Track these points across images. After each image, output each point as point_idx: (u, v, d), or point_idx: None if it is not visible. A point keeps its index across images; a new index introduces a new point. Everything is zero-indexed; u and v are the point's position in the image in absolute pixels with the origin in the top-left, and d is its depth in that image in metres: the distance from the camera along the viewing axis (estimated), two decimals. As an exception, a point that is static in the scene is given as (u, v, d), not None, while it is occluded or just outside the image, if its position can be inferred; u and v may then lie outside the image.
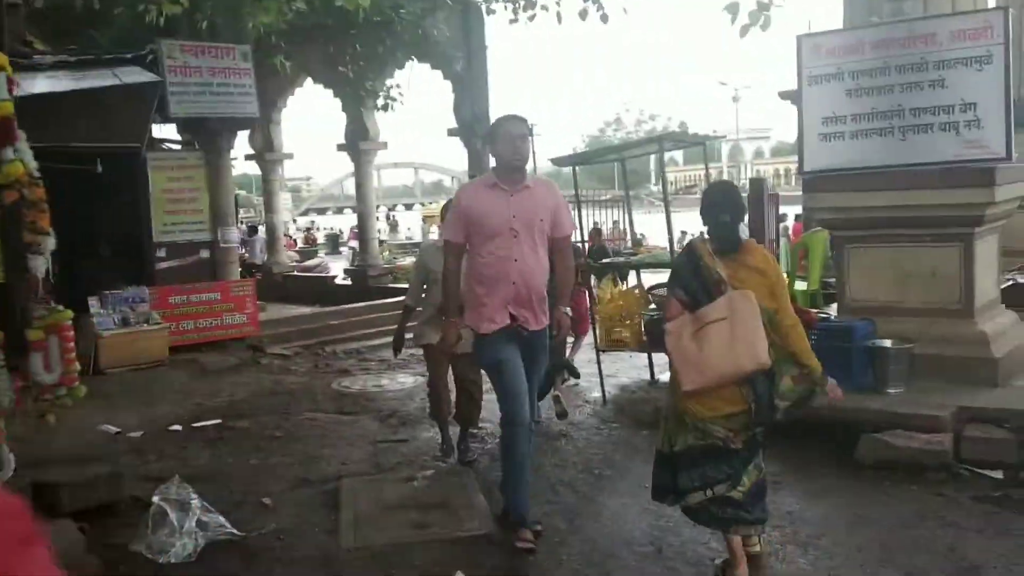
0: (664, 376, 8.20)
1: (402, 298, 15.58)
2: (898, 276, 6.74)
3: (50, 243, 4.07)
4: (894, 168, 6.60)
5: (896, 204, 6.56)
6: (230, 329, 12.10)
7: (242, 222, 25.40)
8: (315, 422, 8.19)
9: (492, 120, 4.58)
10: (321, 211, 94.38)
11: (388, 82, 16.57)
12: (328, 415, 8.49)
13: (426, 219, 46.32)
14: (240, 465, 6.79)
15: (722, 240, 4.00)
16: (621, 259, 9.00)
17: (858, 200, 6.72)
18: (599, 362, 8.16)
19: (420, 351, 12.45)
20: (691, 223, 15.67)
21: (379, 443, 7.37)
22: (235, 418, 8.32)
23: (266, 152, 18.91)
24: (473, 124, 15.14)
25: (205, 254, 12.26)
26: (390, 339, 13.96)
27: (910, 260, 6.71)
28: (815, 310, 6.55)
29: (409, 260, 21.94)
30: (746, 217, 4.85)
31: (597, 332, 8.01)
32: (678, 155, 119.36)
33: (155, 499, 4.97)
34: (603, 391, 8.08)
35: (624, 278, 9.44)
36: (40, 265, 3.94)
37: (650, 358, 8.38)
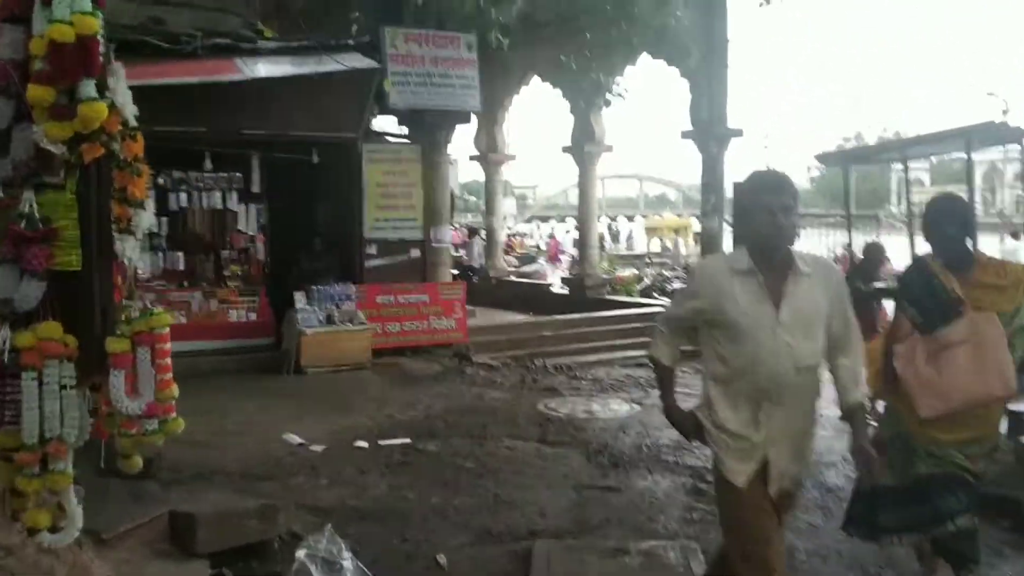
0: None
1: (621, 312, 14.53)
2: None
3: (146, 219, 3.09)
4: None
5: None
6: (436, 334, 11.23)
7: (458, 224, 25.06)
8: (513, 452, 7.00)
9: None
10: (544, 219, 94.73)
11: (618, 79, 15.32)
12: (528, 444, 7.28)
13: (649, 231, 44.79)
14: (420, 502, 5.69)
15: (950, 255, 3.73)
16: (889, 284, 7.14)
17: None
18: None
19: (632, 372, 11.41)
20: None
21: (584, 489, 6.06)
22: (426, 438, 7.29)
23: (490, 153, 18.18)
24: (710, 126, 13.58)
25: (416, 253, 11.46)
26: (604, 356, 12.97)
27: None
28: None
29: (629, 271, 20.59)
30: (976, 234, 4.17)
31: None
32: (924, 175, 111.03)
33: (300, 554, 3.91)
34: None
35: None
36: (132, 249, 2.97)
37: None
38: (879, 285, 7.31)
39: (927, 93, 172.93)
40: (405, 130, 12.17)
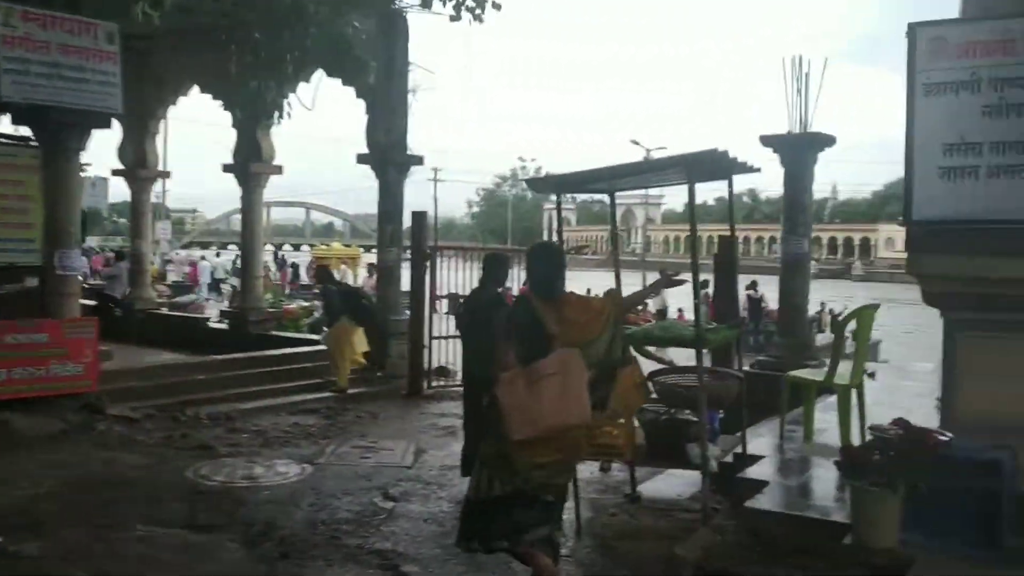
0: (646, 486, 6.10)
1: (288, 350, 12.97)
2: (1039, 382, 4.53)
3: None
4: (1054, 224, 4.41)
5: (1052, 277, 4.38)
6: (59, 382, 9.02)
7: (101, 249, 21.95)
8: (148, 546, 5.33)
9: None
10: (205, 245, 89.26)
11: (291, 96, 13.85)
12: (171, 530, 5.64)
13: (318, 260, 43.13)
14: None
15: (544, 293, 4.30)
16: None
17: (995, 268, 4.50)
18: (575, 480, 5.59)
19: (301, 420, 9.99)
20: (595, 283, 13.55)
21: (243, 599, 4.63)
22: (24, 533, 5.38)
23: (138, 168, 15.82)
24: (389, 150, 12.57)
25: (32, 282, 9.19)
26: (270, 402, 11.36)
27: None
28: (934, 430, 4.28)
29: (297, 303, 18.99)
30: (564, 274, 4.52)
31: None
32: (571, 215, 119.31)
33: None
34: (577, 517, 5.52)
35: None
36: None
37: (632, 470, 5.98)
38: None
39: (582, 137, 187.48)
40: (26, 131, 9.82)
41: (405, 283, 13.17)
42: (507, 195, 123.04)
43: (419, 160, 13.04)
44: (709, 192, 70.98)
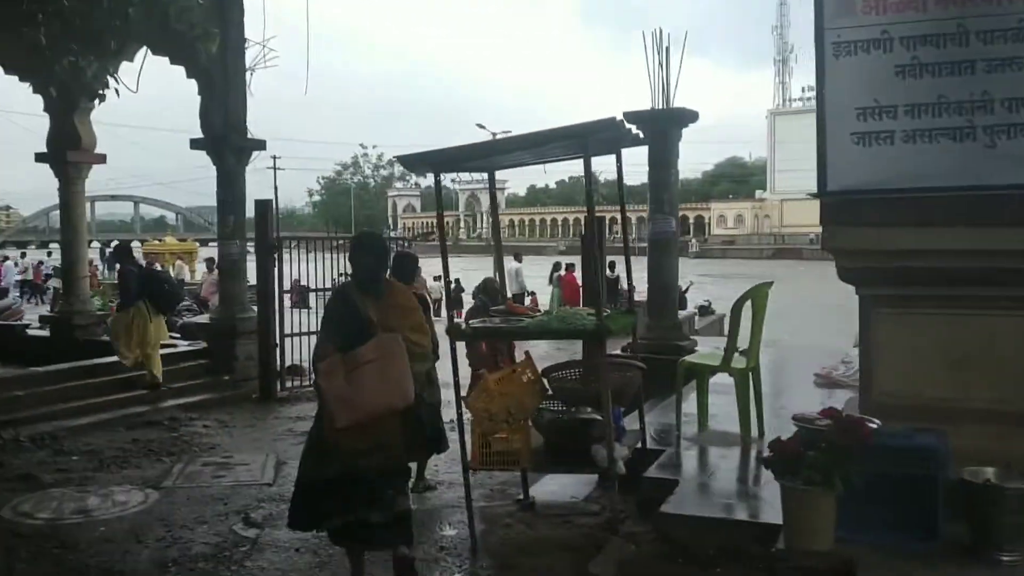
0: (537, 488, 5.70)
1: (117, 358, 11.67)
2: (958, 359, 4.26)
3: None
4: (972, 191, 4.14)
5: (969, 248, 4.11)
6: None
7: None
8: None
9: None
10: (21, 244, 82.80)
11: (113, 75, 12.51)
12: (-18, 590, 4.68)
13: (149, 256, 40.49)
14: None
15: (366, 281, 4.36)
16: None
17: (907, 239, 4.20)
18: (467, 483, 4.97)
19: (140, 435, 8.96)
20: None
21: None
22: None
23: (-66, 160, 13.94)
24: (226, 135, 11.50)
25: None
26: (104, 416, 10.11)
27: (980, 335, 4.26)
28: (865, 418, 3.93)
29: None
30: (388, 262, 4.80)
31: (466, 440, 4.86)
32: (416, 201, 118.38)
33: None
34: (472, 532, 4.91)
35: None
36: None
37: (524, 473, 5.43)
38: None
39: (428, 123, 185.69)
40: None
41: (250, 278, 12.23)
42: (349, 183, 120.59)
43: (261, 144, 12.03)
44: (563, 172, 71.62)
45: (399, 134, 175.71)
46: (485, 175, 6.53)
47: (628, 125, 9.31)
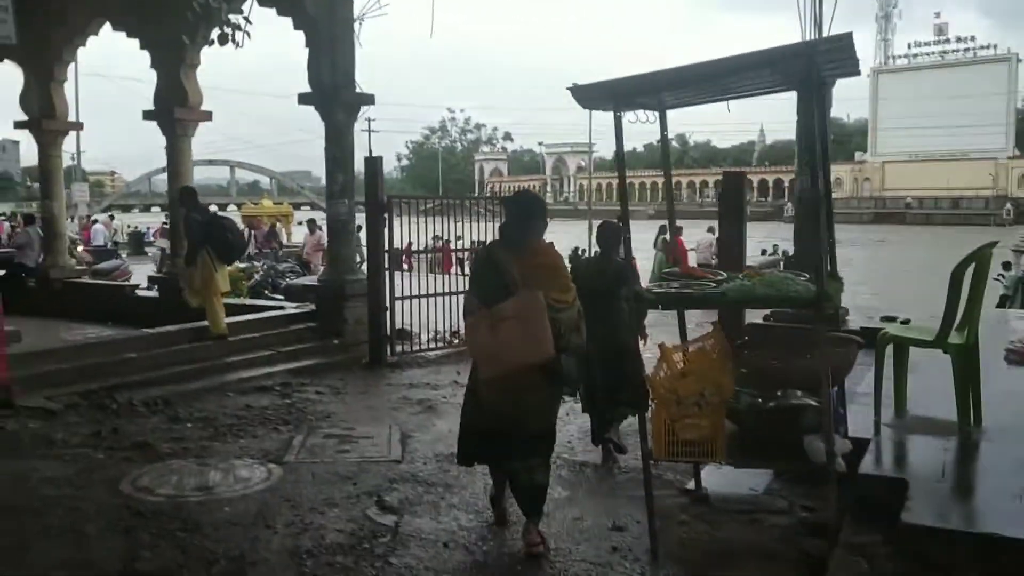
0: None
1: (236, 318, 11.32)
2: None
3: None
4: None
5: None
6: (-47, 372, 7.36)
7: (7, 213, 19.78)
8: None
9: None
10: (126, 208, 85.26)
11: (215, 31, 12.06)
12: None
13: (246, 220, 40.87)
14: None
15: (511, 238, 4.48)
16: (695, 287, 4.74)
17: None
18: (647, 476, 4.22)
19: (252, 400, 8.50)
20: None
21: None
22: None
23: (44, 119, 13.82)
24: (336, 90, 10.92)
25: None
26: (215, 380, 9.76)
27: None
28: None
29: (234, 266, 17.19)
30: (544, 223, 4.62)
31: (649, 428, 4.13)
32: (503, 165, 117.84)
33: None
34: (652, 532, 4.18)
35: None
36: None
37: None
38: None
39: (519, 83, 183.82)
40: None
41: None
42: (436, 147, 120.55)
43: (370, 99, 11.42)
44: (638, 138, 69.69)
45: (493, 97, 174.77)
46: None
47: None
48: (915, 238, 55.47)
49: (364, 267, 11.46)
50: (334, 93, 10.88)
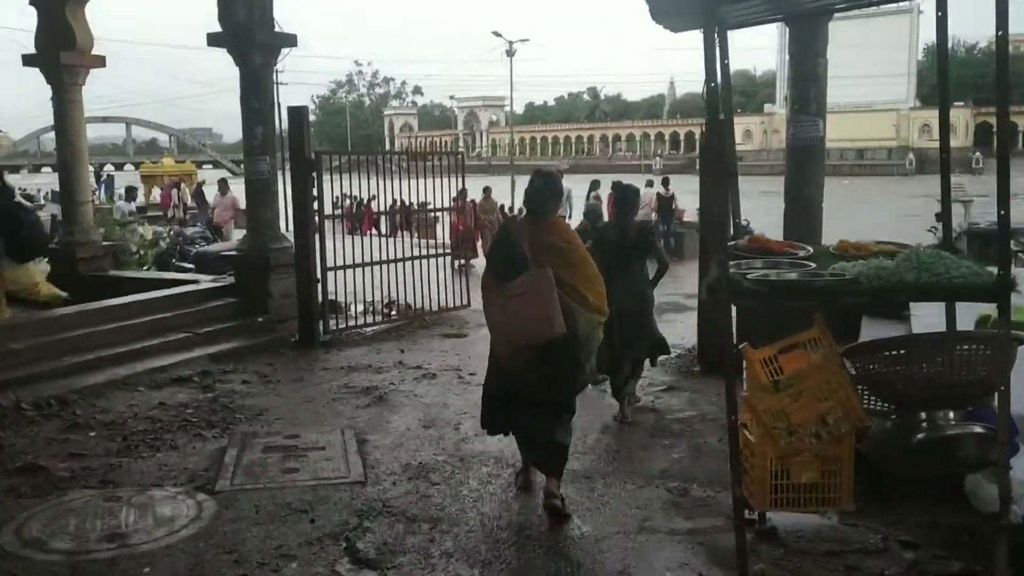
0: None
1: (142, 296, 9.68)
2: None
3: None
4: None
5: None
6: None
7: None
8: None
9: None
10: (14, 169, 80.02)
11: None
12: None
13: (146, 180, 38.33)
14: None
15: (527, 212, 4.57)
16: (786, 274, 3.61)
17: None
18: (740, 533, 3.11)
19: (168, 396, 7.16)
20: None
21: None
22: None
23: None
24: (251, 29, 9.43)
25: None
26: (122, 371, 7.59)
27: None
28: None
29: (140, 231, 15.44)
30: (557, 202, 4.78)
31: (748, 468, 3.03)
32: (412, 120, 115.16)
33: None
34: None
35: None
36: None
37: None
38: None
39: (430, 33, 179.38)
40: None
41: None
42: (344, 102, 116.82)
43: (291, 40, 9.96)
44: (548, 91, 68.53)
45: (399, 50, 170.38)
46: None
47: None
48: (833, 189, 56.07)
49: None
50: (250, 32, 9.40)
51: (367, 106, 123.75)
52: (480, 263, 14.99)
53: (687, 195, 20.41)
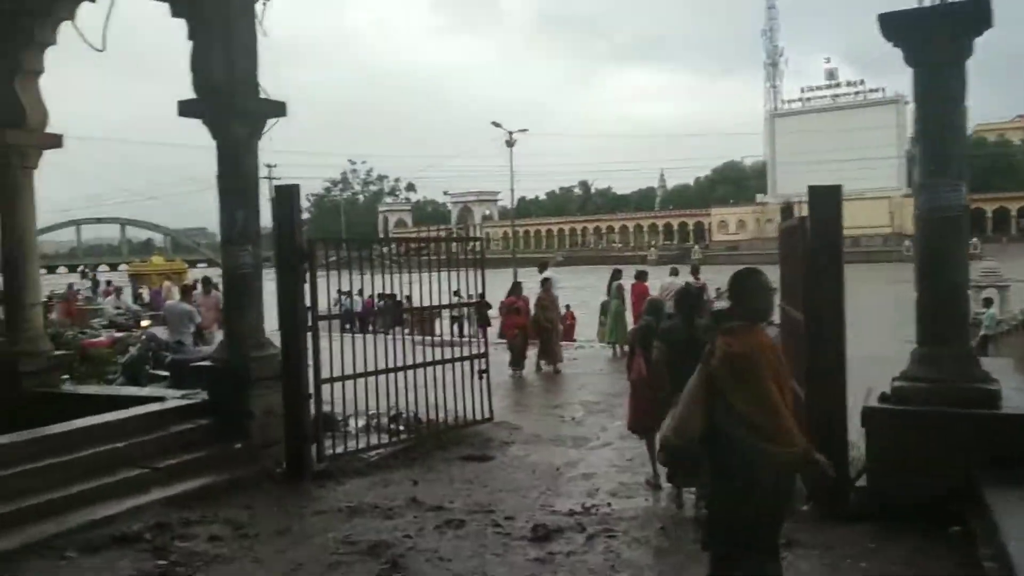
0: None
1: (89, 421, 7.28)
2: None
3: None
4: None
5: None
6: None
7: None
8: None
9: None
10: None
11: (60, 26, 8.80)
12: None
13: (136, 278, 36.52)
14: None
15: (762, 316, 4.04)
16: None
17: None
18: None
19: (105, 567, 5.17)
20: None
21: None
22: None
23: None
24: (231, 91, 7.76)
25: None
26: (41, 530, 5.10)
27: None
28: None
29: (107, 334, 13.48)
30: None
31: None
32: (406, 216, 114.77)
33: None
34: None
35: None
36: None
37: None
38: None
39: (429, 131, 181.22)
40: None
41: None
42: (339, 199, 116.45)
43: (280, 108, 8.24)
44: (540, 186, 67.87)
45: (386, 147, 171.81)
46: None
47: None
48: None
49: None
50: (230, 97, 7.74)
51: (362, 203, 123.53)
52: (528, 371, 13.40)
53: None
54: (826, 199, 5.98)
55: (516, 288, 14.16)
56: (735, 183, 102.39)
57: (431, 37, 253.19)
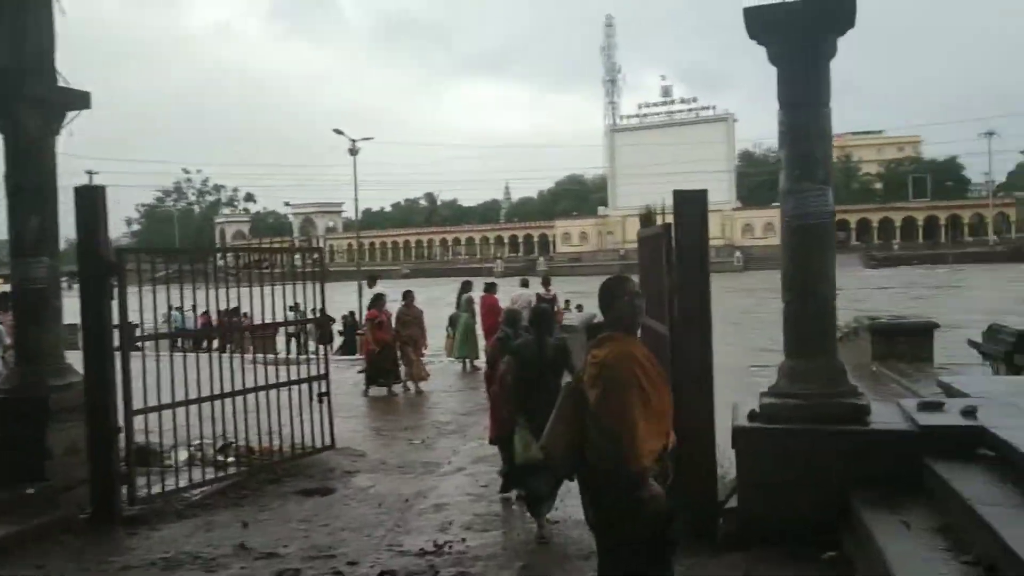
0: None
1: None
2: None
3: None
4: None
5: None
6: None
7: None
8: None
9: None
10: None
11: None
12: None
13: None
14: None
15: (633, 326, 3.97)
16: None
17: None
18: None
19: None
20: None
21: None
22: None
23: None
24: (21, 75, 6.65)
25: None
26: None
27: None
28: None
29: None
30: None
31: None
32: (245, 228, 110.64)
33: None
34: None
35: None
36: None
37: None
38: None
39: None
40: None
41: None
42: (172, 210, 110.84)
43: (83, 99, 7.13)
44: (385, 197, 66.90)
45: (225, 156, 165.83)
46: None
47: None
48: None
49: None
50: (17, 81, 6.61)
51: (197, 214, 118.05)
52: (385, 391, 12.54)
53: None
54: (692, 204, 5.59)
55: (378, 300, 13.26)
56: (577, 196, 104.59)
57: (273, 44, 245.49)
